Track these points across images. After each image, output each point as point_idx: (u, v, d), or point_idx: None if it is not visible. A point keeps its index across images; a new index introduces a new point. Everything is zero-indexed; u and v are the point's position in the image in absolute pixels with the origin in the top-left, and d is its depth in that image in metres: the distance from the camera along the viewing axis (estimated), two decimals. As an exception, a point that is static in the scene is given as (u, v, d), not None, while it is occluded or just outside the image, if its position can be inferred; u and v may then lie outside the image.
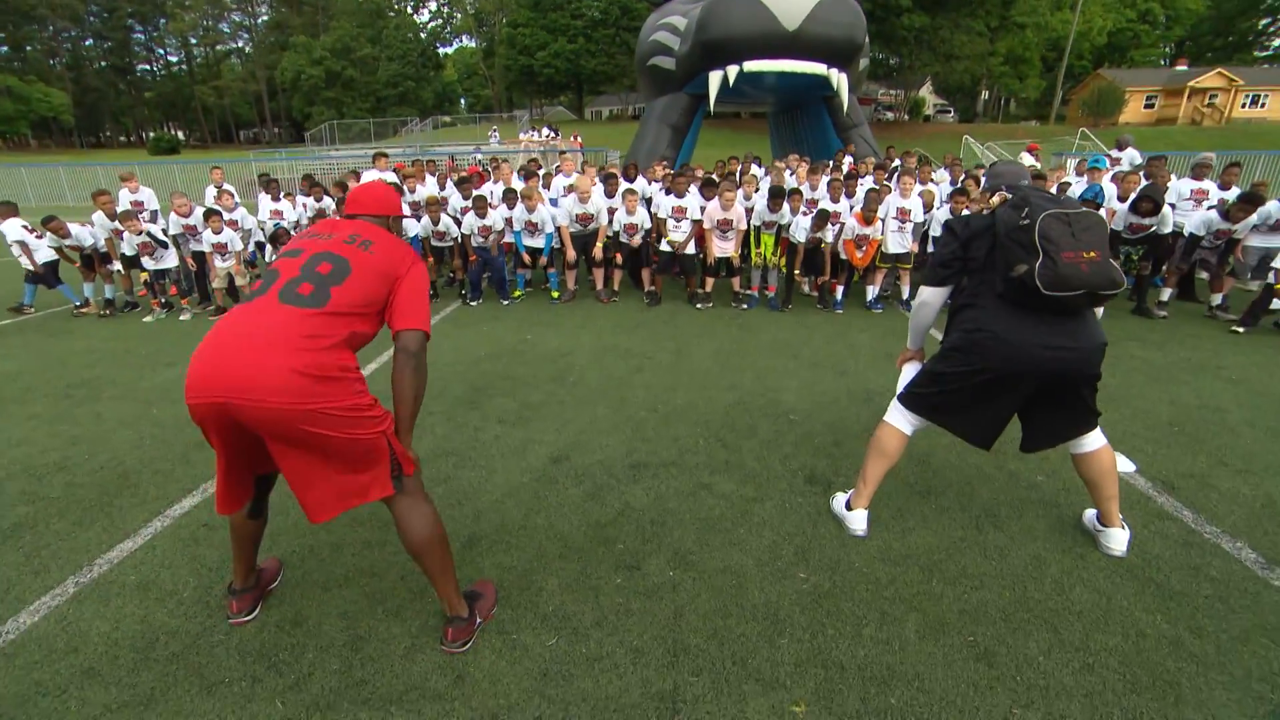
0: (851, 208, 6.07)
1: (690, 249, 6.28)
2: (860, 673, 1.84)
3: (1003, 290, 2.10)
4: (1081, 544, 2.46)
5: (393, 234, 1.94)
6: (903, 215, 5.77)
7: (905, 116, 44.45)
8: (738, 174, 7.97)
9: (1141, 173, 6.56)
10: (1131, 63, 46.84)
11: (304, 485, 1.70)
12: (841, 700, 1.75)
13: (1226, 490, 2.89)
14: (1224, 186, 6.40)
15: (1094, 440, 2.32)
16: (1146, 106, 42.79)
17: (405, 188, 6.95)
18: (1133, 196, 5.70)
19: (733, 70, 11.56)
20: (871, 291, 6.13)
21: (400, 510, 1.80)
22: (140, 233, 5.68)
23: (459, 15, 53.84)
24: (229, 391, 1.55)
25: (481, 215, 6.12)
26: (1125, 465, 3.05)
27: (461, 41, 61.22)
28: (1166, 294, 5.87)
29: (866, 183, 7.02)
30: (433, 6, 57.00)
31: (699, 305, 6.28)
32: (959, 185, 6.16)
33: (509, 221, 6.39)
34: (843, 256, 5.94)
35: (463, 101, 67.63)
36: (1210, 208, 5.98)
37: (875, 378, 4.27)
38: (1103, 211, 5.71)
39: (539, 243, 6.41)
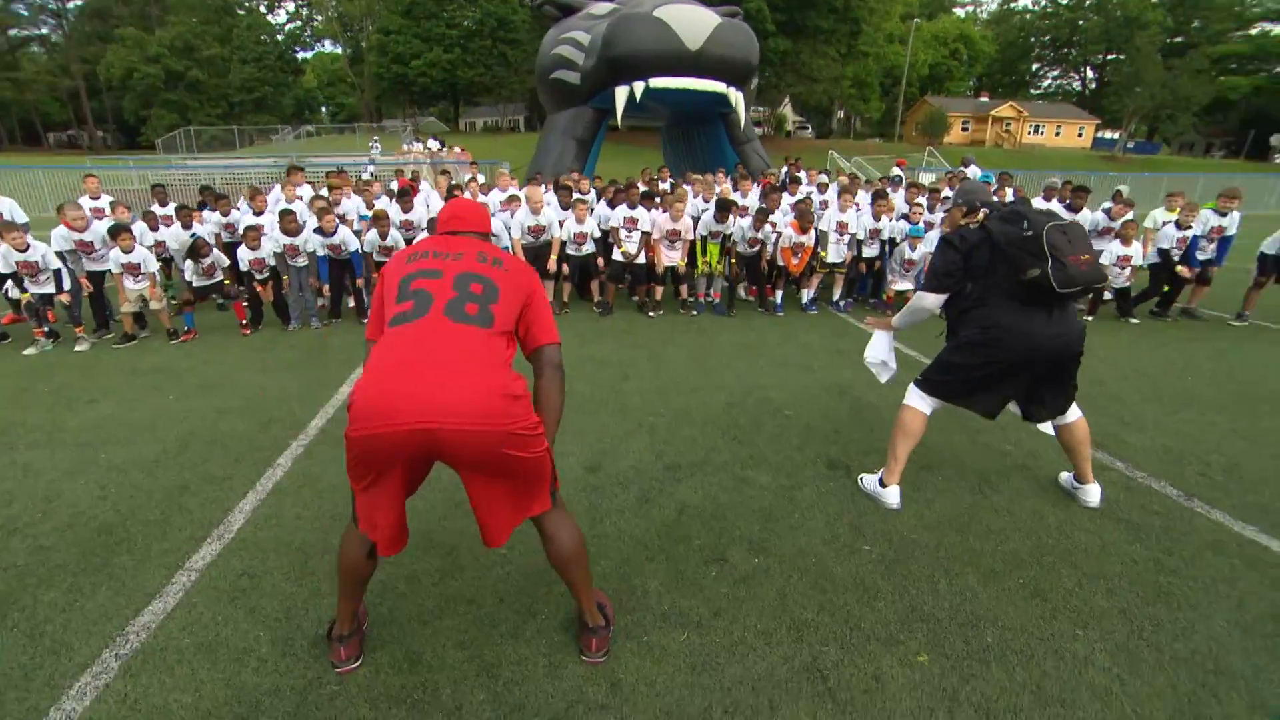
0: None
1: (641, 259, 6.45)
2: (952, 620, 2.10)
3: (1011, 290, 2.47)
4: (1062, 499, 2.92)
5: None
6: (841, 228, 6.34)
7: (771, 131, 47.76)
8: (667, 185, 8.26)
9: (1010, 188, 7.69)
10: (948, 92, 53.87)
11: (490, 511, 1.65)
12: (950, 645, 1.99)
13: (1134, 444, 3.54)
14: (1062, 200, 7.68)
15: (1074, 413, 2.77)
16: (963, 130, 49.45)
17: (331, 199, 6.47)
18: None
19: (639, 86, 11.89)
20: (807, 295, 6.65)
21: (552, 524, 1.79)
22: (25, 248, 4.81)
23: (320, 18, 49.86)
24: (438, 416, 1.47)
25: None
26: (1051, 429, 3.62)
27: (323, 47, 56.76)
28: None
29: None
30: (290, 7, 52.41)
31: (650, 314, 6.45)
32: (878, 191, 6.83)
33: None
34: (780, 263, 6.40)
35: (324, 110, 62.86)
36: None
37: (839, 373, 4.68)
38: None
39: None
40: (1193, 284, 6.59)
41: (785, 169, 10.71)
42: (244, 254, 5.53)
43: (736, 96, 12.67)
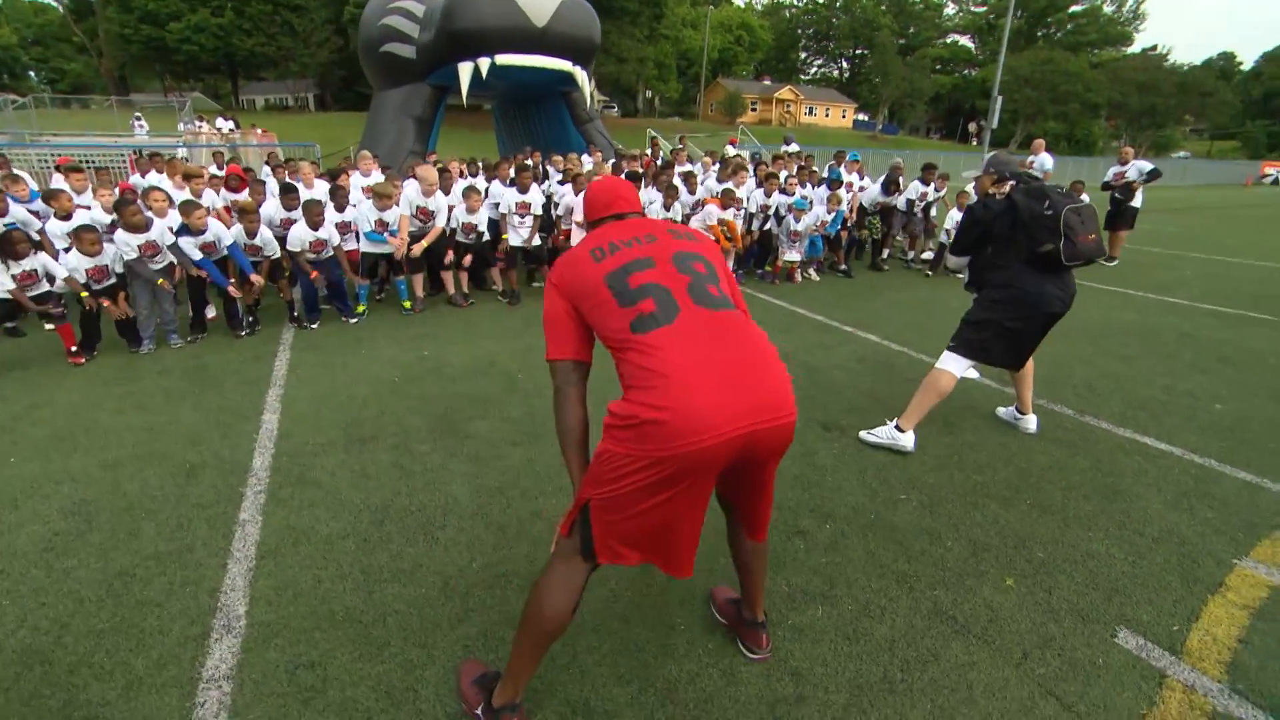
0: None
1: (536, 240, 6.14)
2: (1005, 545, 2.40)
3: (1028, 259, 2.81)
4: (1008, 429, 3.44)
5: None
6: (737, 205, 6.58)
7: (586, 112, 47.82)
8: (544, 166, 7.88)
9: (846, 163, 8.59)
10: (735, 75, 58.31)
11: (767, 503, 1.66)
12: (1018, 566, 2.28)
13: (1018, 374, 4.27)
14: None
15: None
16: (752, 110, 54.03)
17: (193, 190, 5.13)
18: (883, 179, 7.52)
19: (484, 62, 11.08)
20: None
21: None
22: None
23: (12, -46, 38.08)
24: (764, 414, 1.35)
25: (315, 226, 4.94)
26: (973, 373, 4.23)
27: (24, -9, 43.62)
28: (885, 253, 7.96)
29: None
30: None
31: (564, 298, 6.18)
32: (769, 173, 7.16)
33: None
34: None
35: (33, 75, 49.00)
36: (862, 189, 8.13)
37: (773, 340, 4.93)
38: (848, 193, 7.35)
39: (385, 249, 5.48)
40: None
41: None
42: (75, 261, 4.15)
43: (582, 75, 12.43)
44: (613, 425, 1.38)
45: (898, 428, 3.10)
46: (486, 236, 6.05)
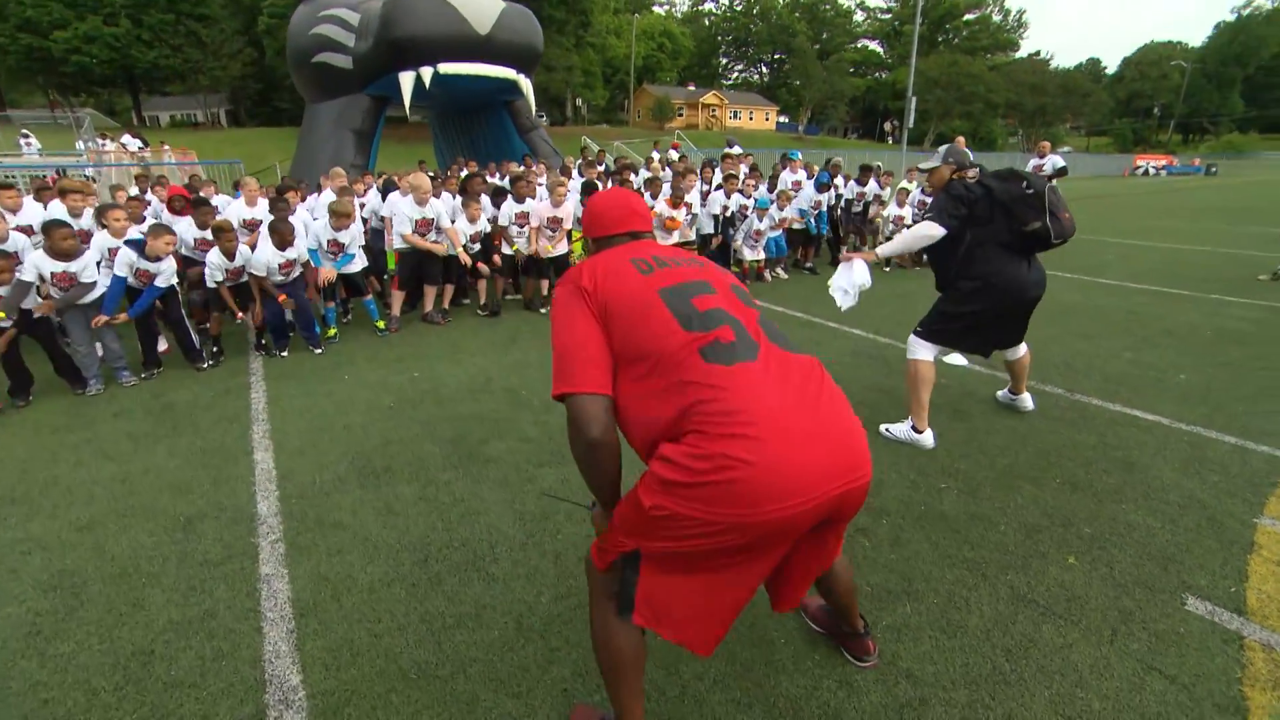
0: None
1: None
2: (1053, 523, 2.47)
3: (1009, 240, 2.86)
4: (1011, 413, 3.56)
5: None
6: (687, 208, 6.59)
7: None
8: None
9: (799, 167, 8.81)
10: (660, 82, 59.03)
11: (813, 576, 1.43)
12: (1071, 544, 2.34)
13: (1000, 358, 4.46)
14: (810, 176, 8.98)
15: (1023, 348, 3.35)
16: (679, 115, 54.83)
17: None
18: (816, 178, 7.71)
19: (427, 72, 10.65)
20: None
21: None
22: None
23: None
24: (853, 474, 1.20)
25: (283, 247, 4.55)
26: (960, 360, 4.39)
27: None
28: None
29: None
30: None
31: (543, 310, 6.01)
32: (726, 174, 7.21)
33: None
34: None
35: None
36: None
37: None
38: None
39: (354, 268, 5.15)
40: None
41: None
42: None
43: (527, 83, 12.19)
44: (674, 481, 1.14)
45: (914, 429, 3.13)
46: (479, 246, 5.81)
